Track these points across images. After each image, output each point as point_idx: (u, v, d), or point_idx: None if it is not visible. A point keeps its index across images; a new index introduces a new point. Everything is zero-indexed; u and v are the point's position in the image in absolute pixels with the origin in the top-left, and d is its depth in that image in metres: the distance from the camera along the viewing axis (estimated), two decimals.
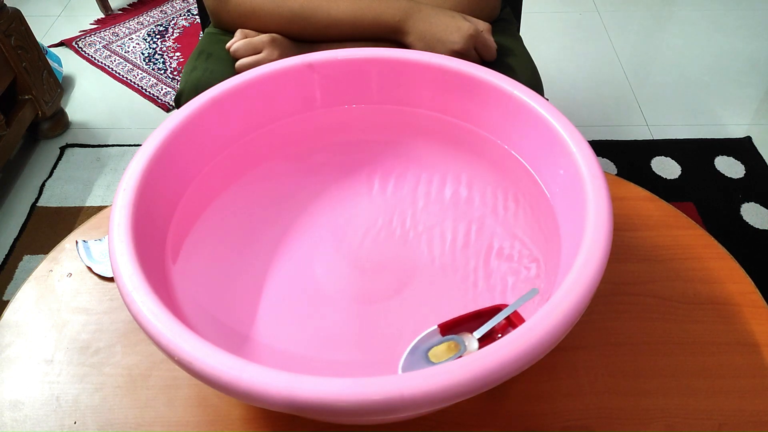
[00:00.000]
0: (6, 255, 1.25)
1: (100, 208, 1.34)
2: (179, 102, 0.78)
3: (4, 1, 1.34)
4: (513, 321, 0.41)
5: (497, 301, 0.45)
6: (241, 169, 0.54)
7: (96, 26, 1.91)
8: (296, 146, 0.56)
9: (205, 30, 0.89)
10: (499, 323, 0.41)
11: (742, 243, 1.24)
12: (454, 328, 0.42)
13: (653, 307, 0.52)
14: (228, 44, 0.76)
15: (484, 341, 0.41)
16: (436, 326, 0.42)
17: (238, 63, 0.75)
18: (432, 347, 0.41)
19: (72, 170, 1.43)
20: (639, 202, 0.61)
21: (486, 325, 0.41)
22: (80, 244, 0.59)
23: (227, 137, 0.53)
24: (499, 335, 0.42)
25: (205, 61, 0.78)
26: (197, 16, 1.87)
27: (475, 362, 0.32)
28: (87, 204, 1.35)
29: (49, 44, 1.80)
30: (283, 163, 0.55)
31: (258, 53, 0.74)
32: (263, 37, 0.74)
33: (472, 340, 0.41)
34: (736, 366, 0.49)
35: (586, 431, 0.45)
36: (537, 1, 1.97)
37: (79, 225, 0.62)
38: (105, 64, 1.75)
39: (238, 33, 0.76)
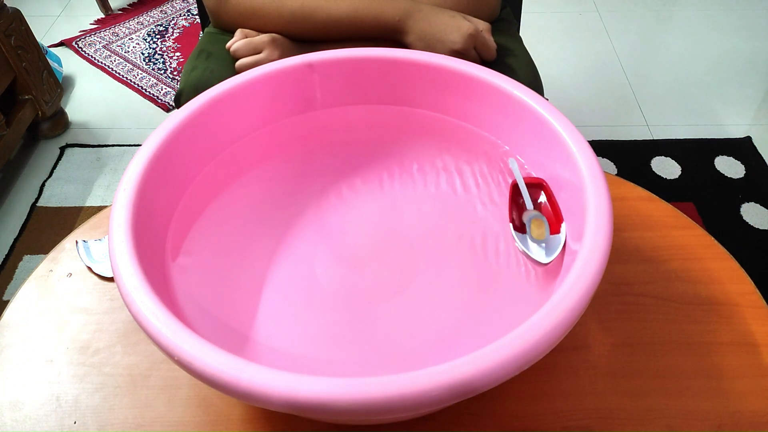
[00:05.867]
0: (6, 255, 1.25)
1: (100, 208, 1.34)
2: (179, 102, 0.78)
3: (4, 1, 1.34)
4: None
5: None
6: (241, 169, 0.54)
7: (96, 26, 1.91)
8: (296, 146, 0.56)
9: (205, 30, 0.89)
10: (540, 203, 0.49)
11: (742, 243, 1.24)
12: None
13: (653, 307, 0.52)
14: (228, 44, 0.76)
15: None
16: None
17: (238, 63, 0.75)
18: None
19: (72, 170, 1.43)
20: (639, 202, 0.61)
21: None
22: (80, 244, 0.59)
23: (227, 137, 0.53)
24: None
25: (205, 61, 0.78)
26: (197, 16, 1.87)
27: (475, 362, 0.32)
28: (87, 204, 1.35)
29: (49, 44, 1.80)
30: (283, 163, 0.55)
31: (258, 53, 0.74)
32: (263, 37, 0.74)
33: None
34: (736, 366, 0.49)
35: (586, 431, 0.45)
36: (537, 1, 1.97)
37: (79, 225, 0.62)
38: (105, 64, 1.75)
39: (238, 33, 0.76)
